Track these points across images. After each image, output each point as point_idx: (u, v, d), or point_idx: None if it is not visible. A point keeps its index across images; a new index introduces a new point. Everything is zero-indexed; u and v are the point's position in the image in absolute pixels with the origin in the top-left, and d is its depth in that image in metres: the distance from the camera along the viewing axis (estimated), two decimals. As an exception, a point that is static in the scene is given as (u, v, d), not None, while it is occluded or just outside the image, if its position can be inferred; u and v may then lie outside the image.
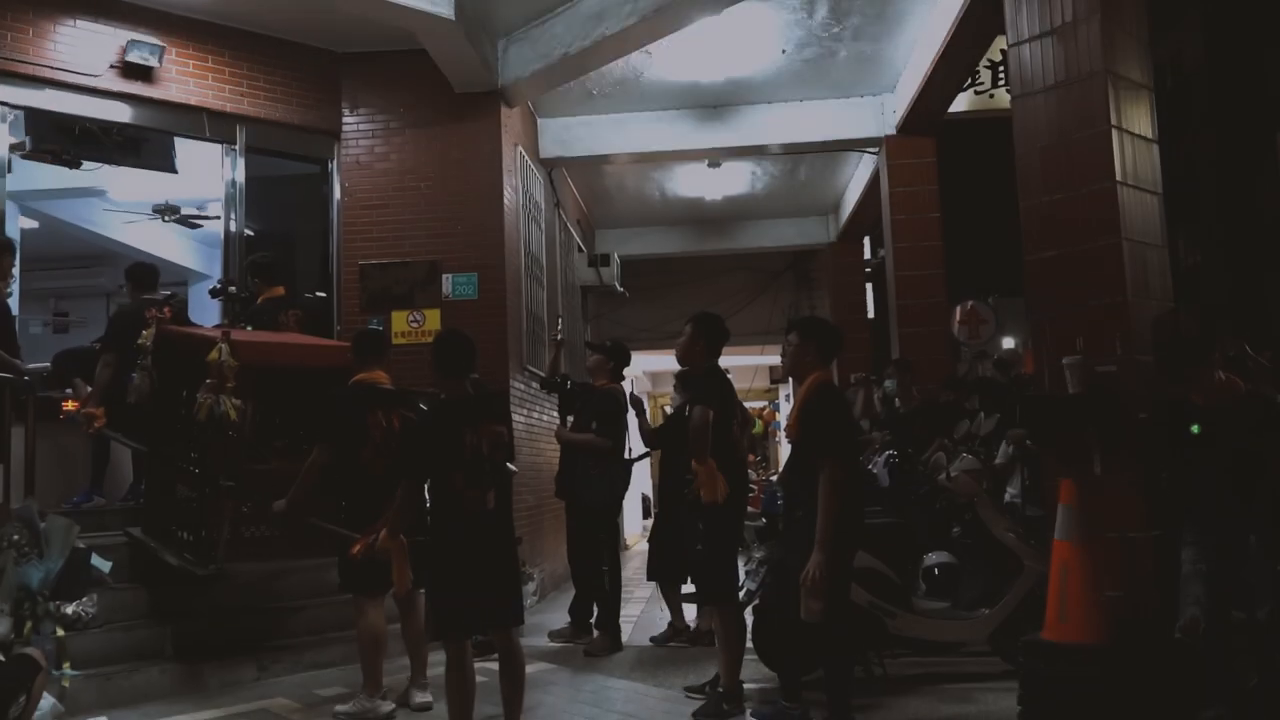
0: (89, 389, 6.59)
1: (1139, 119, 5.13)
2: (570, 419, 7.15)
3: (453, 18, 7.23)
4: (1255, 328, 17.69)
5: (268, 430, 5.82)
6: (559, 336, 7.62)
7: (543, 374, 8.70)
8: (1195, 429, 4.48)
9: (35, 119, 7.40)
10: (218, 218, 8.80)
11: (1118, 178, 4.90)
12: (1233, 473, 4.39)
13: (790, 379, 5.18)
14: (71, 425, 6.82)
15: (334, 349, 6.15)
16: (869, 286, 16.31)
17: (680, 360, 5.44)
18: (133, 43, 7.46)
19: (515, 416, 7.65)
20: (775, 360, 17.46)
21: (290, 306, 6.94)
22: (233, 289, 7.06)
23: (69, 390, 6.91)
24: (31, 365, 6.43)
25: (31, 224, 10.26)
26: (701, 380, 5.19)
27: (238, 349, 5.46)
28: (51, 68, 7.20)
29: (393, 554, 4.46)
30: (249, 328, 6.78)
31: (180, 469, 5.86)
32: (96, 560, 5.67)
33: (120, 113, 7.66)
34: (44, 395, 6.86)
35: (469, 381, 4.46)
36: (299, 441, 5.76)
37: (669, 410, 7.95)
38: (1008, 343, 23.36)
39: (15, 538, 5.36)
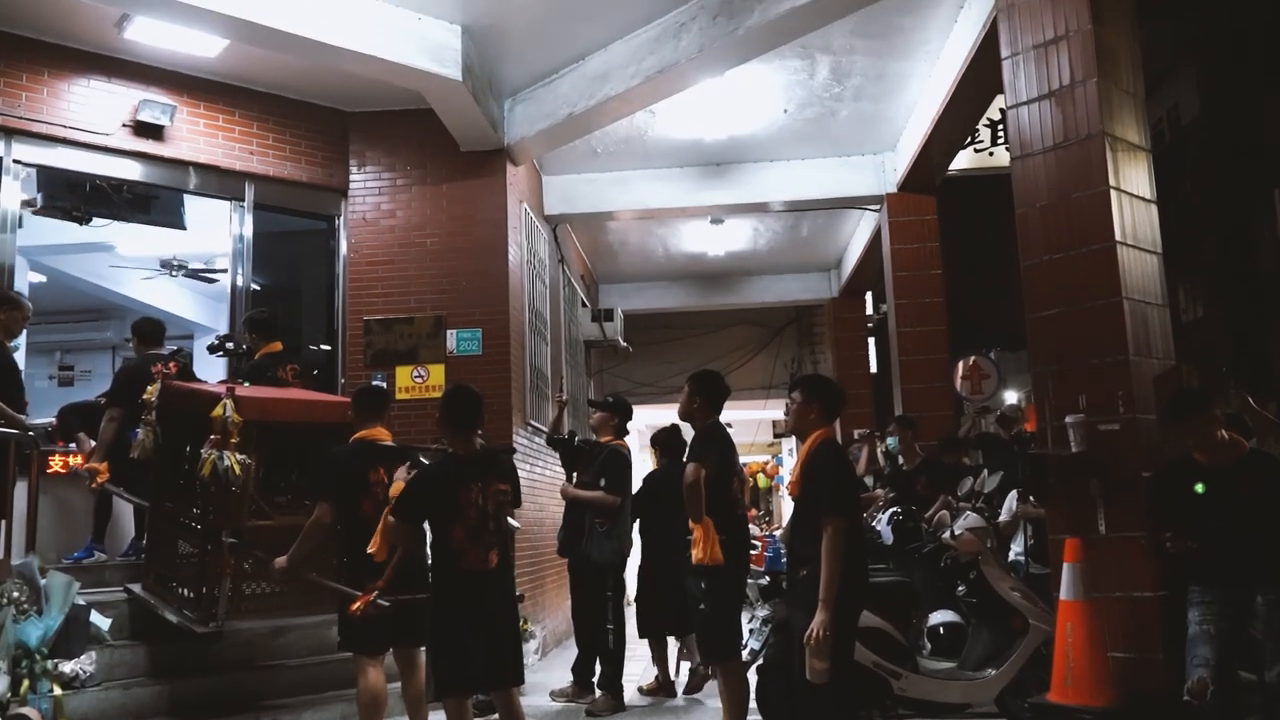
0: (93, 444, 6.60)
1: (1137, 180, 5.19)
2: (575, 475, 7.13)
3: (460, 79, 7.35)
4: (1258, 380, 17.72)
5: (270, 486, 5.82)
6: (562, 397, 7.64)
7: (546, 429, 8.70)
8: (1200, 488, 4.47)
9: (47, 176, 7.50)
10: (225, 271, 8.87)
11: (1117, 238, 4.95)
12: (1238, 531, 4.37)
13: (794, 437, 5.21)
14: (74, 479, 6.82)
15: (336, 405, 6.16)
16: (871, 341, 16.36)
17: (681, 418, 5.46)
18: (145, 102, 7.58)
19: (518, 470, 7.65)
20: (778, 414, 17.45)
21: (288, 361, 6.96)
22: (230, 345, 7.09)
23: (73, 445, 6.92)
24: (36, 420, 6.44)
25: (40, 278, 10.34)
26: (698, 437, 5.21)
27: (241, 405, 5.47)
28: (65, 126, 7.31)
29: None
30: (246, 383, 6.79)
31: (182, 525, 5.85)
32: (96, 618, 5.65)
33: (131, 170, 7.76)
34: (48, 450, 6.87)
35: (477, 437, 4.47)
36: (301, 497, 5.77)
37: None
38: (1010, 397, 23.37)
39: (15, 594, 5.35)
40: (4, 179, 7.16)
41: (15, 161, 7.20)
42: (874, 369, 15.98)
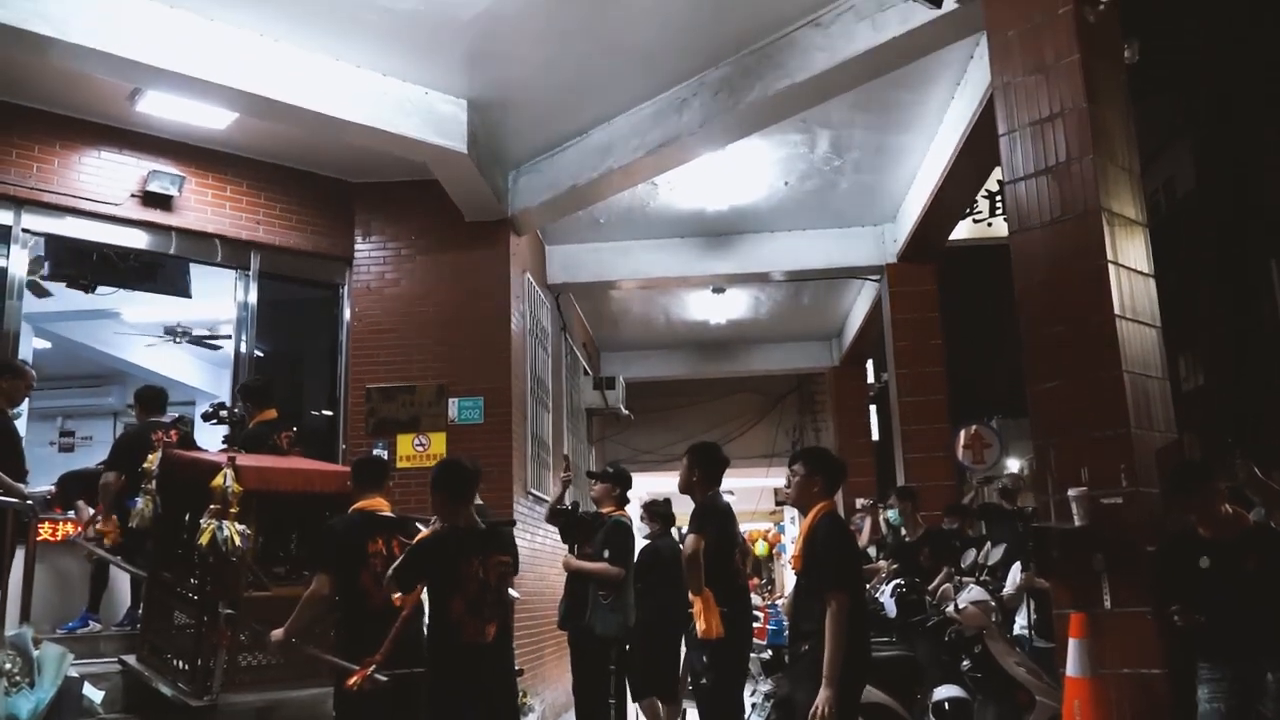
0: (91, 511, 6.58)
1: (1135, 254, 5.23)
2: (578, 547, 7.08)
3: (465, 151, 7.47)
4: (1260, 449, 17.66)
5: (268, 556, 5.78)
6: (566, 475, 7.61)
7: (547, 498, 8.67)
8: (1205, 562, 4.44)
9: (55, 245, 7.56)
10: (228, 337, 8.92)
11: (1116, 312, 4.97)
12: (1243, 606, 4.33)
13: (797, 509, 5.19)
14: (71, 548, 6.78)
15: (336, 474, 6.14)
16: (873, 409, 16.37)
17: (681, 490, 5.45)
18: (154, 173, 7.68)
19: (519, 540, 7.61)
20: (780, 482, 17.39)
21: (283, 428, 6.96)
22: (224, 412, 7.10)
23: (71, 512, 6.89)
24: (36, 488, 6.42)
25: (44, 344, 10.39)
26: (698, 509, 5.19)
27: (242, 474, 5.46)
28: (75, 196, 7.41)
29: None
30: (243, 450, 6.78)
31: (179, 595, 5.80)
32: (89, 690, 5.57)
33: (138, 239, 7.84)
34: (46, 517, 6.84)
35: (474, 508, 4.46)
36: (299, 567, 5.73)
37: (678, 533, 7.88)
38: (1012, 464, 23.27)
39: (7, 666, 5.28)
40: (13, 248, 7.23)
41: (24, 230, 7.28)
42: (876, 437, 15.97)
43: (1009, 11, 5.57)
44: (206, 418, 7.44)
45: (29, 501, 5.95)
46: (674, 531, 7.78)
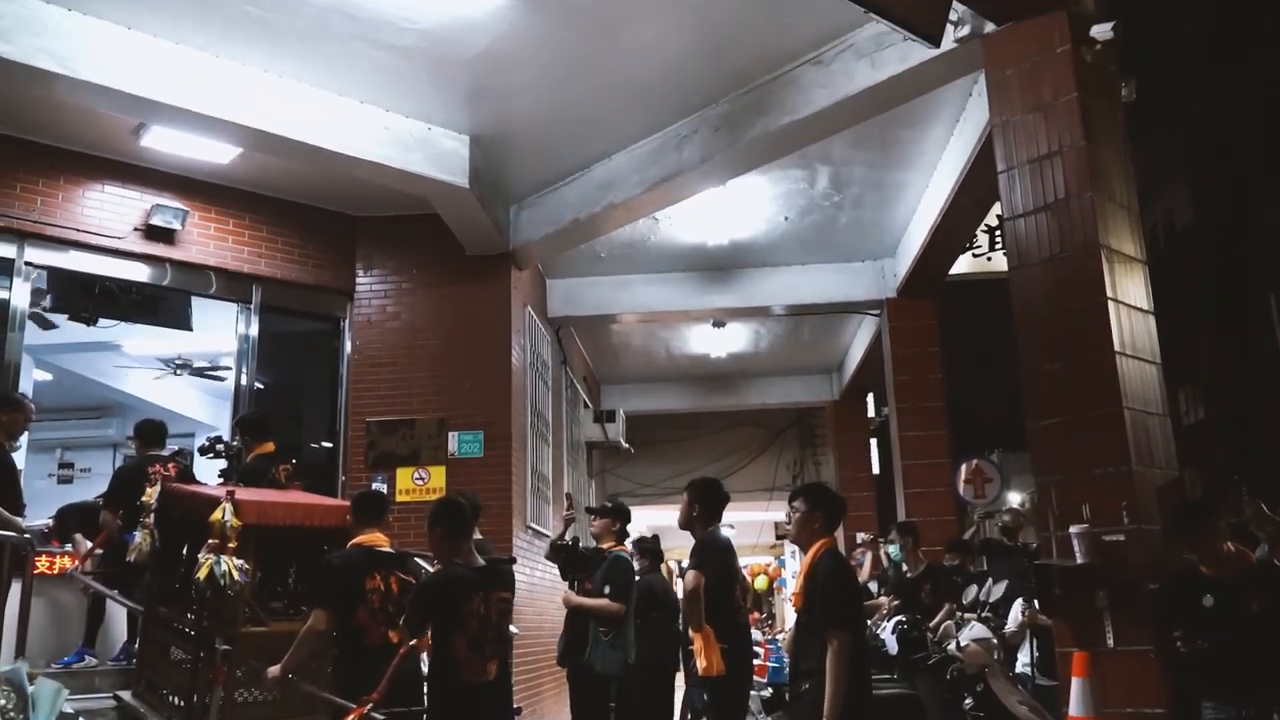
0: (88, 545, 6.56)
1: (1134, 291, 5.25)
2: (578, 583, 7.03)
3: (467, 186, 7.51)
4: (1262, 485, 17.58)
5: (265, 591, 5.74)
6: (569, 514, 7.59)
7: (547, 533, 8.64)
8: (1209, 601, 4.41)
9: (57, 278, 7.58)
10: (229, 369, 8.92)
11: (1116, 348, 4.98)
12: (1247, 645, 4.30)
13: (797, 546, 5.16)
14: (68, 581, 6.74)
15: (335, 508, 6.12)
16: (873, 442, 16.34)
17: (681, 527, 5.43)
18: (157, 207, 7.72)
19: (518, 575, 7.57)
20: (780, 516, 17.33)
21: (281, 461, 6.94)
22: (220, 446, 7.09)
23: (69, 546, 6.86)
24: (33, 522, 6.40)
25: (45, 376, 10.40)
26: (699, 545, 5.17)
27: (240, 508, 5.44)
28: (78, 230, 7.44)
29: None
30: (241, 484, 6.76)
31: (175, 630, 5.76)
32: (84, 727, 5.52)
33: (140, 273, 7.86)
34: (43, 550, 6.81)
35: (473, 544, 4.44)
36: (297, 602, 5.69)
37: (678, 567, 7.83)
38: (1014, 498, 23.17)
39: (1, 701, 5.24)
40: (15, 280, 7.26)
41: (28, 264, 7.31)
42: (876, 470, 15.93)
43: (1007, 50, 5.63)
44: (203, 451, 7.42)
45: (26, 535, 5.93)
46: (663, 568, 7.75)
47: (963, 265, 10.40)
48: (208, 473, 7.74)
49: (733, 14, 6.26)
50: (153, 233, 7.75)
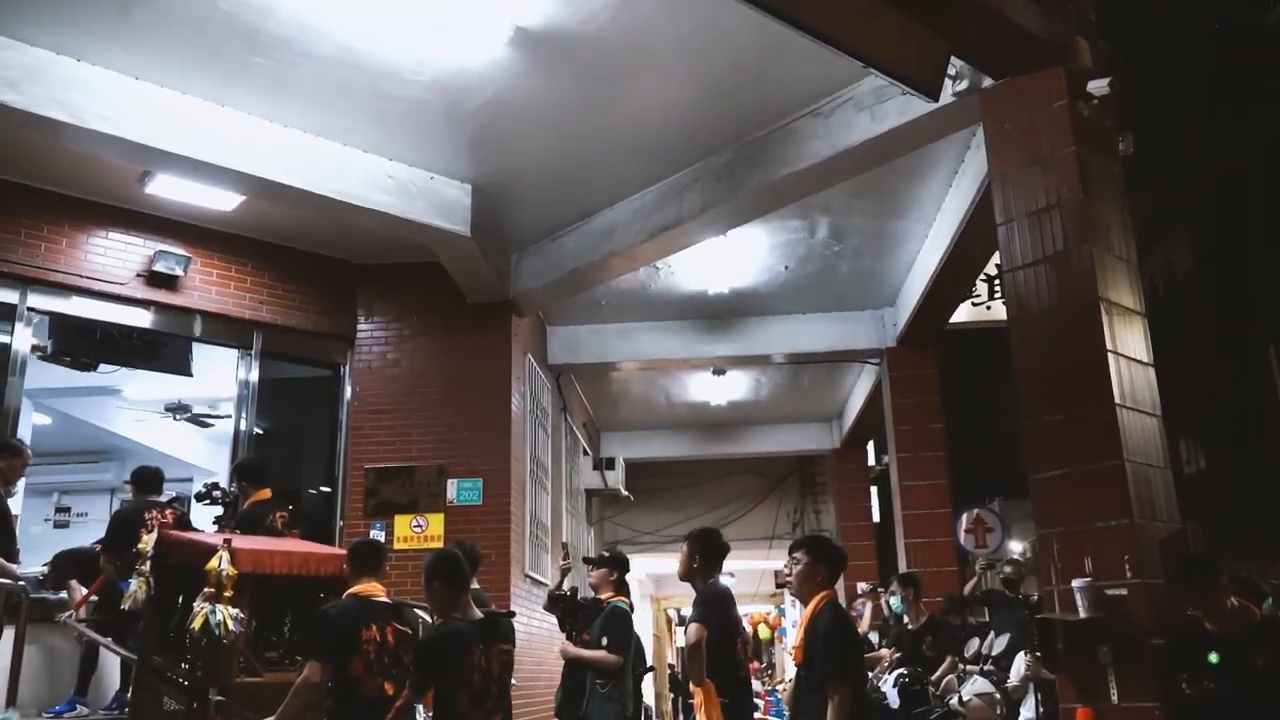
0: (83, 591, 6.51)
1: (1134, 344, 5.25)
2: (576, 634, 6.96)
3: (469, 234, 7.56)
4: (1262, 537, 17.51)
5: (260, 640, 5.68)
6: (565, 564, 7.53)
7: (545, 581, 8.57)
8: (1214, 658, 4.37)
9: (59, 323, 7.62)
10: (228, 416, 8.91)
11: (1117, 400, 4.97)
12: (1252, 701, 4.26)
13: (797, 599, 5.08)
14: (62, 628, 6.68)
15: (331, 557, 6.07)
16: (873, 490, 16.28)
17: (681, 578, 5.38)
18: (160, 253, 7.76)
19: (515, 625, 7.51)
20: (780, 565, 17.21)
21: (278, 508, 6.91)
22: (217, 492, 7.06)
23: (63, 593, 6.81)
24: (28, 570, 6.36)
25: (45, 420, 10.38)
26: (700, 597, 5.12)
27: (237, 557, 5.40)
28: (81, 276, 7.48)
29: None
30: (239, 531, 6.73)
31: (169, 679, 5.69)
32: (73, 778, 5.45)
33: (142, 318, 7.89)
34: (38, 597, 6.76)
35: (472, 596, 4.40)
36: (292, 652, 5.63)
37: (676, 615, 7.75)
38: (1015, 546, 23.03)
39: (-8, 753, 5.18)
40: (17, 325, 7.27)
41: (30, 309, 7.33)
42: (876, 519, 15.86)
43: (1005, 105, 5.69)
44: (200, 498, 7.39)
45: (21, 583, 5.89)
46: (660, 616, 7.67)
47: (962, 314, 10.42)
48: (204, 519, 7.71)
49: (733, 67, 6.33)
50: (155, 279, 7.78)
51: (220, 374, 8.79)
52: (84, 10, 5.63)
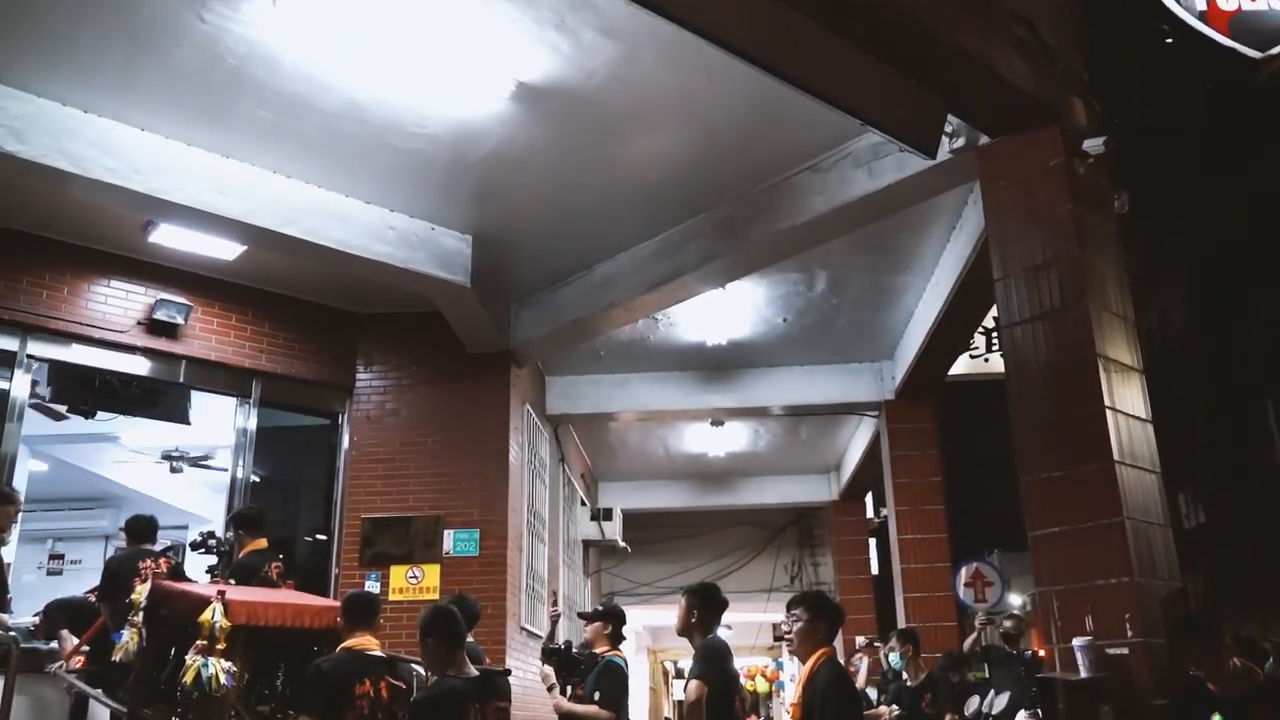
0: (75, 641, 6.44)
1: (1132, 400, 5.26)
2: (570, 688, 6.88)
3: (469, 285, 7.59)
4: (1263, 590, 17.38)
5: (253, 693, 5.62)
6: (555, 611, 7.50)
7: (541, 634, 8.49)
8: (1217, 719, 4.33)
9: (58, 370, 7.61)
10: (224, 469, 8.88)
11: (1116, 457, 4.97)
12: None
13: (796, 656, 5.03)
14: (51, 679, 6.60)
15: (326, 609, 6.02)
16: (872, 543, 16.18)
17: (679, 633, 5.34)
18: (161, 301, 7.79)
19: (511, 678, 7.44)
20: (778, 617, 17.06)
21: (274, 558, 6.87)
22: (213, 541, 7.02)
23: (54, 643, 6.74)
24: (19, 620, 6.30)
25: (41, 467, 10.35)
26: (699, 653, 5.07)
27: (230, 609, 5.35)
28: (82, 324, 7.49)
29: None
30: (234, 581, 6.67)
31: (159, 734, 5.62)
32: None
33: (141, 366, 7.88)
34: (28, 648, 6.69)
35: (467, 651, 4.36)
36: (285, 706, 5.56)
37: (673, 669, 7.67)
38: (1015, 599, 22.85)
39: (-23, 808, 5.09)
40: (16, 372, 7.27)
41: (29, 356, 7.34)
42: (875, 571, 15.75)
43: (1001, 162, 5.75)
44: (195, 546, 7.34)
45: (12, 633, 5.83)
46: (657, 669, 7.59)
47: (960, 366, 10.43)
48: (198, 567, 7.66)
49: (733, 122, 6.41)
50: (155, 327, 7.80)
51: (218, 421, 8.77)
52: (90, 62, 5.71)
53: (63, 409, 8.04)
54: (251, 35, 5.48)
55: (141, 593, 6.04)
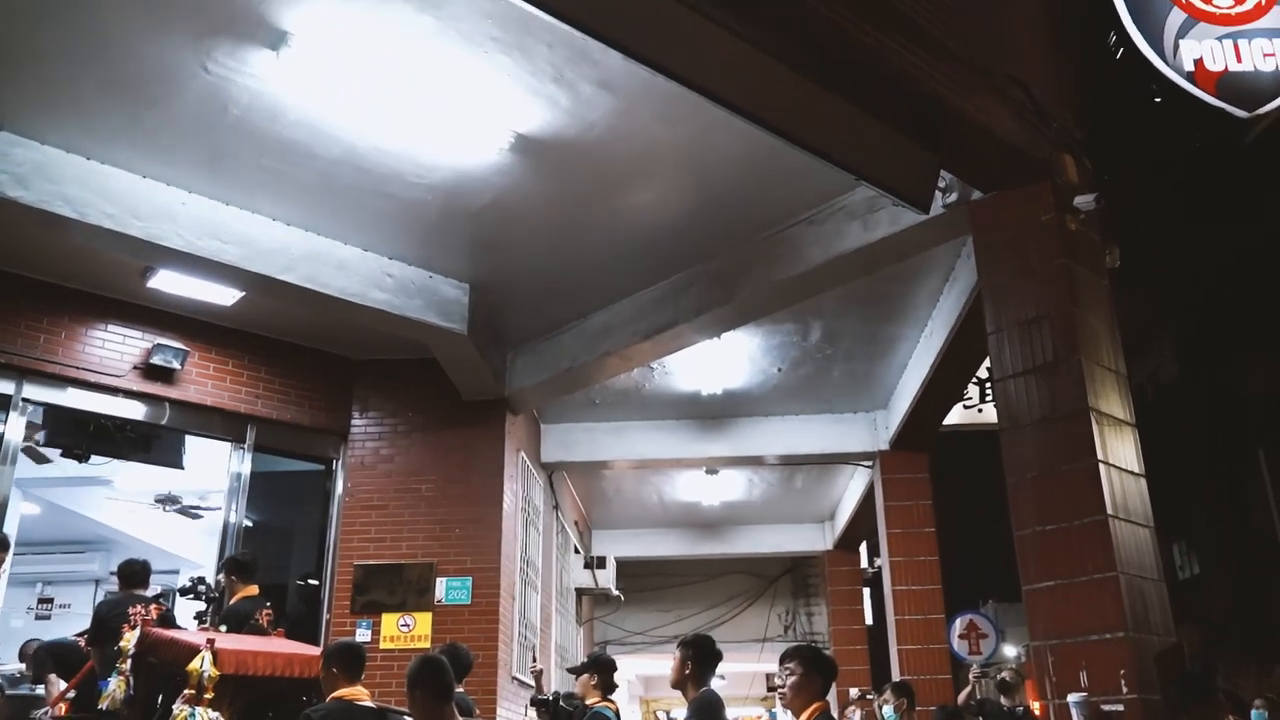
0: (63, 685, 6.38)
1: (1124, 454, 5.28)
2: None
3: (466, 333, 7.63)
4: (1258, 641, 17.30)
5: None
6: (536, 667, 7.45)
7: (532, 685, 8.40)
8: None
9: (53, 414, 7.61)
10: (218, 509, 8.85)
11: (1109, 511, 4.98)
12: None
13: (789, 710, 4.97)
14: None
15: (314, 659, 5.97)
16: (866, 592, 16.08)
17: (672, 686, 5.30)
18: (158, 346, 7.80)
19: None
20: (772, 667, 16.89)
21: (264, 605, 6.82)
22: (202, 587, 6.97)
23: (41, 687, 6.67)
24: (5, 666, 6.25)
25: (34, 509, 10.29)
26: (693, 706, 5.03)
27: (219, 658, 5.31)
28: (77, 368, 7.50)
29: None
30: (225, 628, 6.62)
31: (144, 785, 5.54)
32: None
33: (137, 411, 7.88)
34: (15, 695, 6.63)
35: (457, 701, 4.32)
36: (273, 757, 5.51)
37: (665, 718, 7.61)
38: (1010, 651, 22.69)
39: None
40: (11, 415, 7.27)
41: (25, 400, 7.34)
42: (870, 621, 15.64)
43: (994, 218, 5.83)
44: (184, 593, 7.29)
45: (-1, 680, 5.79)
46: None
47: (954, 416, 10.44)
48: (186, 613, 7.60)
49: (729, 175, 6.48)
50: (152, 372, 7.81)
51: (211, 466, 8.75)
52: (95, 110, 5.79)
53: (48, 452, 8.00)
54: (255, 86, 5.56)
55: (130, 639, 5.99)
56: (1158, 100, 5.55)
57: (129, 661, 5.93)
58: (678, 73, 4.72)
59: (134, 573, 6.91)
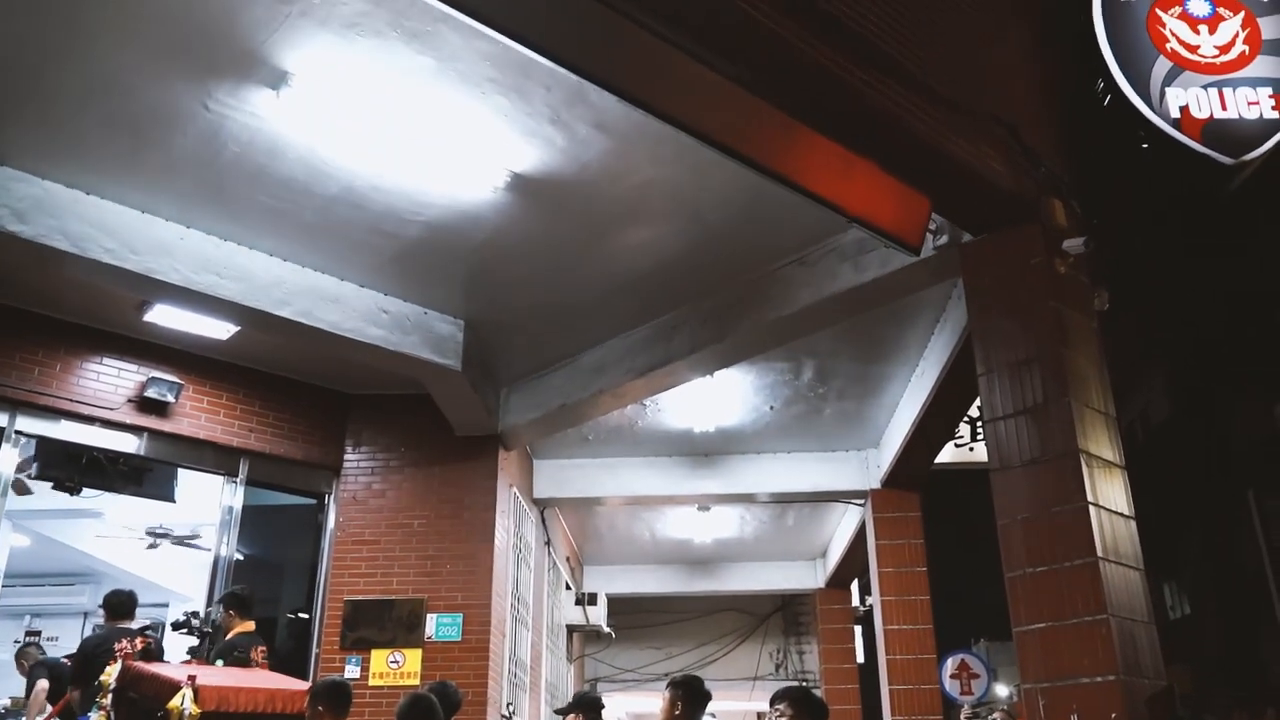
0: (50, 708, 6.35)
1: (1114, 496, 5.31)
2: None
3: (460, 369, 7.66)
4: (1250, 680, 17.24)
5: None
6: (510, 714, 7.43)
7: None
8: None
9: (46, 447, 7.60)
10: (208, 549, 8.81)
11: (1099, 554, 4.99)
12: None
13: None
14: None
15: (299, 694, 5.94)
16: (858, 630, 16.02)
17: (661, 725, 5.29)
18: (153, 379, 7.81)
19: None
20: (763, 705, 16.78)
21: (260, 642, 6.79)
22: (195, 622, 6.93)
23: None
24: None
25: (23, 541, 10.24)
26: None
27: (200, 695, 5.27)
28: (71, 400, 7.50)
29: None
30: (220, 661, 6.58)
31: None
32: None
33: (129, 444, 7.88)
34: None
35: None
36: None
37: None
38: (1001, 690, 22.57)
39: None
40: (3, 447, 7.27)
41: (17, 432, 7.34)
42: (861, 660, 15.58)
43: (984, 260, 5.88)
44: (176, 627, 7.24)
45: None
46: None
47: (946, 455, 10.45)
48: (179, 647, 7.55)
49: (721, 215, 6.54)
50: (146, 405, 7.81)
51: (203, 499, 8.73)
52: (97, 148, 5.84)
53: (32, 484, 7.98)
54: (254, 124, 5.62)
55: (111, 674, 5.95)
56: (1144, 146, 5.64)
57: (109, 697, 5.90)
58: (670, 114, 4.78)
59: (120, 603, 6.87)
